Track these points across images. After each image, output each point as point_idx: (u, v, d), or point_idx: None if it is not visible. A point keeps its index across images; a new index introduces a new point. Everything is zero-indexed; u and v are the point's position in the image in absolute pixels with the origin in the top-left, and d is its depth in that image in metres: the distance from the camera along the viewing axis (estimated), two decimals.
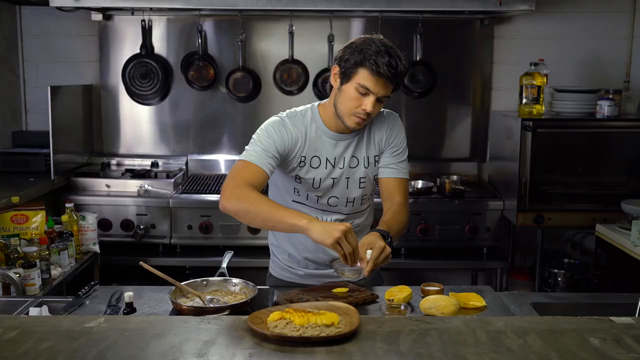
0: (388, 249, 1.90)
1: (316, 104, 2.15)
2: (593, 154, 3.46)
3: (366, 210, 2.24)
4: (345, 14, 3.87)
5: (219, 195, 3.68)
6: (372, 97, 1.93)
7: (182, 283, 1.96)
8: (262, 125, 2.07)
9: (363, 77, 1.92)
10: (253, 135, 2.08)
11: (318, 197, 2.12)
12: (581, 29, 4.00)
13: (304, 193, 2.12)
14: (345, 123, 2.02)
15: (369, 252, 1.88)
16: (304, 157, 2.07)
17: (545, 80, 3.53)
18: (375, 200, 2.33)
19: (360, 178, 2.13)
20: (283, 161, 2.06)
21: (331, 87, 2.07)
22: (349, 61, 1.95)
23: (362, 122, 2.00)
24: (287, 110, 2.13)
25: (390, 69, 1.89)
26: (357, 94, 1.94)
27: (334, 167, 2.09)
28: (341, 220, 2.12)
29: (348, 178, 2.11)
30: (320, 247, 2.08)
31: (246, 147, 2.07)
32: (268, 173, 2.00)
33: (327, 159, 2.08)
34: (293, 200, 2.14)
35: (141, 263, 1.98)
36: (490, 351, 1.35)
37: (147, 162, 3.99)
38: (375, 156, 2.15)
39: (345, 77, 1.97)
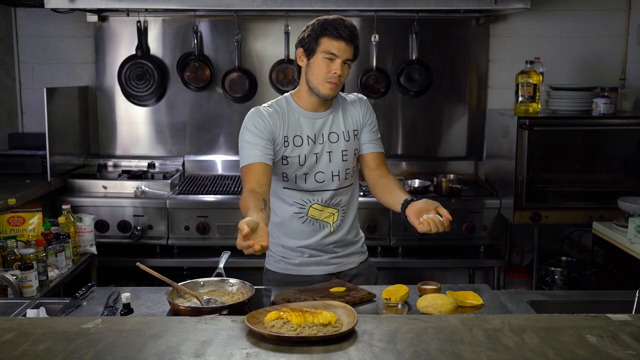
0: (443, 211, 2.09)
1: (287, 93, 2.30)
2: (589, 152, 3.47)
3: (350, 188, 2.32)
4: (341, 13, 3.83)
5: (216, 196, 3.69)
6: (339, 60, 2.12)
7: (179, 283, 1.96)
8: (243, 124, 2.21)
9: (326, 44, 2.12)
10: (239, 138, 2.21)
11: (305, 175, 2.23)
12: (577, 27, 4.01)
13: (292, 175, 2.22)
14: (320, 93, 2.17)
15: (436, 216, 2.06)
16: (287, 136, 2.20)
17: (541, 78, 3.54)
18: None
19: (342, 151, 2.26)
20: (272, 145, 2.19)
21: (299, 71, 2.23)
22: (311, 36, 2.14)
23: (336, 86, 2.16)
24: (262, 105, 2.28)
25: (347, 30, 2.11)
26: (324, 61, 2.13)
27: (314, 143, 2.23)
28: (330, 197, 2.25)
29: (330, 152, 2.24)
30: (311, 233, 2.27)
31: (240, 149, 2.20)
32: (267, 162, 2.14)
33: (307, 136, 2.22)
34: (284, 187, 2.25)
35: (138, 264, 1.98)
36: (487, 349, 1.35)
37: (143, 163, 3.99)
38: (354, 130, 2.29)
39: (311, 51, 2.15)
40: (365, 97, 2.37)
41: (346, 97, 2.33)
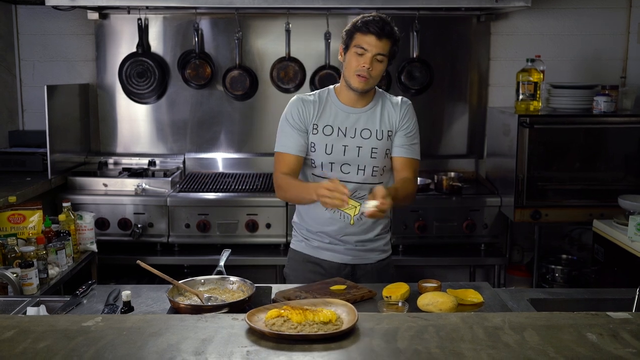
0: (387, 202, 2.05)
1: (332, 86, 2.40)
2: (590, 150, 3.47)
3: (376, 186, 2.29)
4: (342, 11, 3.87)
5: (216, 194, 3.70)
6: (369, 54, 2.19)
7: (180, 281, 1.96)
8: (286, 108, 2.36)
9: (357, 39, 2.21)
10: (280, 120, 2.36)
11: (332, 164, 2.30)
12: (577, 25, 4.01)
13: (319, 162, 2.31)
14: (351, 85, 2.25)
15: (371, 202, 2.05)
16: (316, 124, 2.30)
17: (541, 76, 3.53)
18: None
19: (372, 148, 2.31)
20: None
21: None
22: (347, 33, 2.26)
23: (365, 80, 2.22)
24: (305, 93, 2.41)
25: (376, 25, 2.18)
26: (355, 56, 2.21)
27: (345, 135, 2.29)
28: (353, 190, 2.28)
29: (360, 147, 2.30)
30: (332, 221, 2.34)
31: (277, 132, 2.36)
32: (298, 153, 2.30)
33: (339, 128, 2.30)
34: (312, 174, 2.35)
35: (139, 262, 1.98)
36: (488, 347, 1.35)
37: (144, 161, 3.99)
38: (388, 131, 2.33)
39: (346, 47, 2.25)
40: (409, 102, 2.39)
41: (391, 99, 2.37)
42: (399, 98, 2.39)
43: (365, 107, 2.32)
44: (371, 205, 2.03)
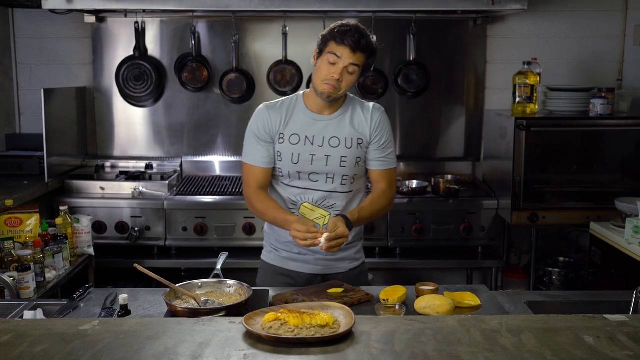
0: (341, 232, 2.05)
1: (301, 92, 2.34)
2: (587, 153, 3.47)
3: (348, 195, 2.29)
4: (339, 14, 3.86)
5: (213, 197, 3.69)
6: (341, 65, 2.13)
7: (177, 285, 1.96)
8: (252, 117, 2.31)
9: (331, 47, 2.15)
10: (247, 129, 2.32)
11: (299, 173, 2.25)
12: (574, 28, 4.02)
13: (286, 172, 2.26)
14: (318, 92, 2.19)
15: (325, 236, 2.02)
16: (282, 134, 2.25)
17: (538, 79, 3.54)
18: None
19: (341, 157, 2.24)
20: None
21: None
22: (323, 39, 2.19)
23: (332, 88, 2.16)
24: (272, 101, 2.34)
25: (352, 38, 2.12)
26: (327, 63, 2.15)
27: (312, 144, 2.24)
28: (322, 199, 2.26)
29: (328, 156, 2.24)
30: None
31: (244, 142, 2.31)
32: (266, 166, 2.26)
33: (306, 136, 2.24)
34: (281, 182, 2.30)
35: (136, 265, 1.98)
36: (485, 350, 1.35)
37: (141, 164, 3.99)
38: (359, 139, 2.26)
39: (320, 52, 2.20)
40: (382, 109, 2.32)
41: (362, 105, 2.30)
42: (371, 105, 2.31)
43: (334, 115, 2.26)
44: (323, 243, 2.00)
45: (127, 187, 3.60)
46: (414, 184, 3.80)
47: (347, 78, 2.16)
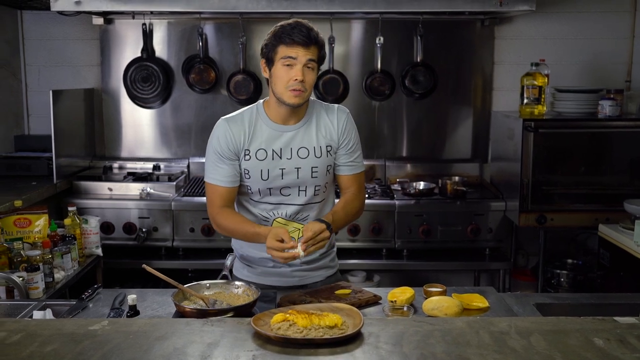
0: (317, 228, 1.97)
1: (261, 101, 2.22)
2: (595, 154, 3.46)
3: (320, 204, 2.22)
4: (346, 15, 3.88)
5: None
6: (299, 65, 2.03)
7: (185, 285, 1.96)
8: (211, 134, 2.19)
9: (282, 52, 2.05)
10: (207, 146, 2.20)
11: (270, 189, 2.15)
12: (582, 29, 4.00)
13: (256, 189, 2.15)
14: (285, 102, 2.08)
15: (300, 243, 1.95)
16: (248, 150, 2.12)
17: (546, 80, 3.53)
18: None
19: (312, 168, 2.15)
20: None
21: (267, 83, 2.16)
22: (268, 46, 2.08)
23: (300, 93, 2.05)
24: (231, 114, 2.21)
25: (301, 34, 2.04)
26: (284, 68, 2.05)
27: (280, 157, 2.13)
28: (295, 212, 2.18)
29: (298, 168, 2.14)
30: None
31: (205, 160, 2.20)
32: (231, 185, 2.14)
33: (273, 150, 2.13)
34: (250, 198, 2.19)
35: (144, 266, 1.98)
36: (494, 352, 1.35)
37: (149, 165, 4.00)
38: (327, 146, 2.17)
39: (270, 61, 2.08)
40: (347, 111, 2.22)
41: (327, 109, 2.20)
42: (335, 107, 2.21)
43: (299, 124, 2.14)
44: (301, 252, 1.93)
45: (134, 188, 3.61)
46: (421, 185, 3.80)
47: (309, 76, 2.05)
